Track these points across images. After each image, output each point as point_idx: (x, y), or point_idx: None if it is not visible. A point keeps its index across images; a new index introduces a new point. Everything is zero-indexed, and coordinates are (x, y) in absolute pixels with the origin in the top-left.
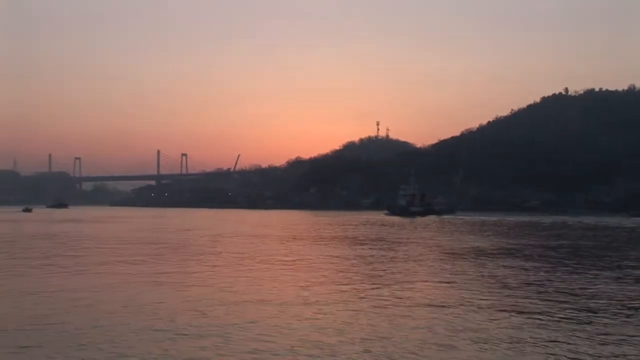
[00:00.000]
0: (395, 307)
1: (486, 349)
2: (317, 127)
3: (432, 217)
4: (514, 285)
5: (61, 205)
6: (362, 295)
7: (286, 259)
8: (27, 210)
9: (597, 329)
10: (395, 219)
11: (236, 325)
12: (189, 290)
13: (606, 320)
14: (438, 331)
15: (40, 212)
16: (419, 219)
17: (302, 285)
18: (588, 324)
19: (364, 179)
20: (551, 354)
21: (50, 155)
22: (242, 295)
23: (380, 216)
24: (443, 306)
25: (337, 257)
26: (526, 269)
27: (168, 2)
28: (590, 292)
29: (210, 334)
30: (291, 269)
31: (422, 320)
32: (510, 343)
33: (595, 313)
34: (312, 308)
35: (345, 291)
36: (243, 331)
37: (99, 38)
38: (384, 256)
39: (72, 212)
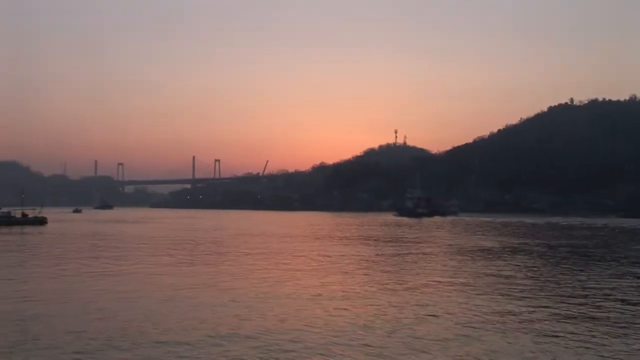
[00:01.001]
0: (416, 300)
1: (509, 339)
2: (339, 135)
3: (437, 218)
4: (522, 280)
5: (106, 206)
6: (387, 289)
7: (313, 256)
8: (77, 211)
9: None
10: (404, 219)
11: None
12: (234, 288)
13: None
14: (460, 321)
15: (89, 213)
16: (425, 220)
17: (327, 280)
18: (592, 317)
19: (383, 182)
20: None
21: (96, 161)
22: (293, 288)
23: (391, 217)
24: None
25: (359, 255)
26: (529, 266)
27: (200, 17)
28: (591, 284)
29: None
30: (317, 265)
31: (443, 312)
32: (529, 334)
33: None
34: (343, 302)
35: (371, 286)
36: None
37: (141, 52)
38: (400, 254)
39: (117, 213)
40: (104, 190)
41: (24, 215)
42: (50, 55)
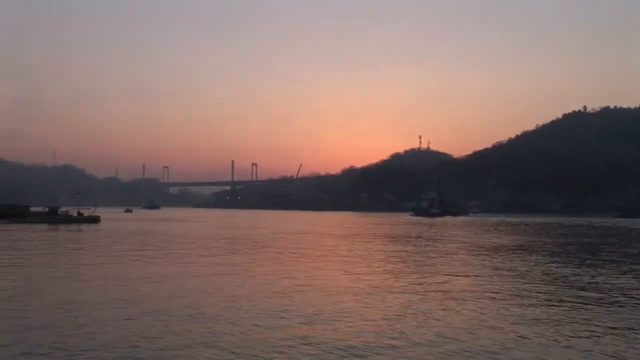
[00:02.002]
0: (443, 294)
1: (529, 331)
2: (367, 140)
3: (449, 218)
4: (540, 275)
5: (154, 206)
6: (415, 284)
7: (343, 253)
8: (128, 210)
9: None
10: (420, 219)
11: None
12: (273, 282)
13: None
14: (487, 314)
15: (138, 212)
16: (439, 219)
17: (357, 275)
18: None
19: (407, 185)
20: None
21: (144, 165)
22: (333, 285)
23: (409, 217)
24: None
25: (386, 251)
26: (536, 263)
27: (238, 31)
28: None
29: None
30: (346, 261)
31: (470, 306)
32: (550, 325)
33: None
34: (374, 296)
35: (398, 281)
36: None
37: (184, 65)
38: (422, 251)
39: (164, 212)
40: (150, 191)
41: (80, 214)
42: (105, 68)
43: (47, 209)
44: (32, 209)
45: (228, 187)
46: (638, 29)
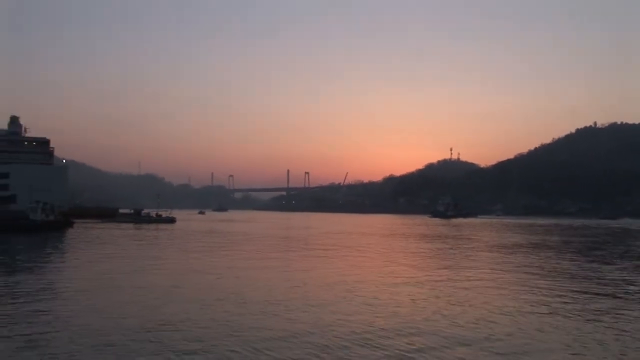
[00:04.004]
0: (469, 285)
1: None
2: (405, 152)
3: (461, 219)
4: (549, 269)
5: (222, 209)
6: (450, 277)
7: (382, 249)
8: (201, 212)
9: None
10: (437, 220)
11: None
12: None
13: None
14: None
15: (210, 214)
16: (453, 220)
17: (391, 268)
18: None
19: (440, 191)
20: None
21: (212, 173)
22: (384, 277)
23: (429, 219)
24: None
25: (420, 248)
26: (544, 258)
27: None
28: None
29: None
30: (387, 256)
31: (491, 295)
32: (569, 316)
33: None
34: (420, 286)
35: (433, 273)
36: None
37: (248, 84)
38: (448, 248)
39: (230, 214)
40: (218, 197)
41: (159, 215)
42: (175, 86)
43: (132, 211)
44: (121, 210)
45: (284, 193)
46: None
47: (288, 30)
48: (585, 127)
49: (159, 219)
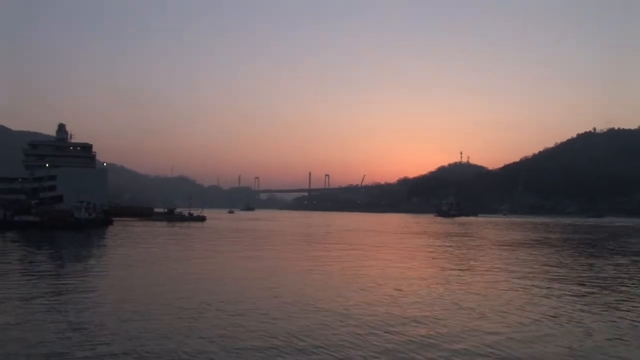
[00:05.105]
0: (480, 278)
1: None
2: (419, 155)
3: (462, 218)
4: (554, 265)
5: (250, 208)
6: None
7: (397, 246)
8: (231, 212)
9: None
10: (441, 219)
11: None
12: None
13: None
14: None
15: (238, 213)
16: (456, 219)
17: (408, 265)
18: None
19: (451, 192)
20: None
21: (239, 176)
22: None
23: (434, 217)
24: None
25: (434, 245)
26: (545, 255)
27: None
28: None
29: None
30: (403, 253)
31: (503, 289)
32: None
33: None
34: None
35: (450, 271)
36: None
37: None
38: (456, 245)
39: (257, 213)
40: (245, 197)
41: (190, 214)
42: (207, 95)
43: (166, 210)
44: (155, 210)
45: (306, 194)
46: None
47: (310, 40)
48: (585, 132)
49: (191, 218)
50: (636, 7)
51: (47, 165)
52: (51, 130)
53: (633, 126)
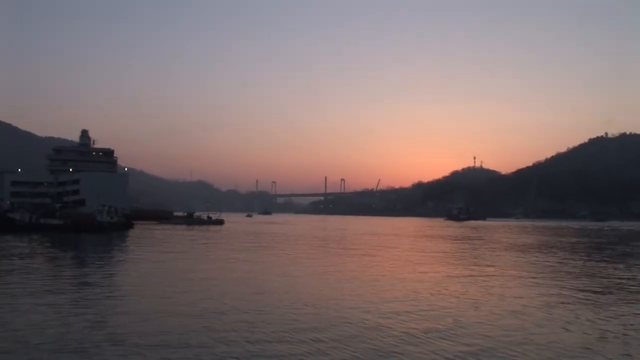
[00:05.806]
0: (490, 280)
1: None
2: (433, 160)
3: (472, 222)
4: (561, 268)
5: (267, 212)
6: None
7: (413, 248)
8: (249, 215)
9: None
10: (451, 222)
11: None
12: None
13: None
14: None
15: (256, 217)
16: (465, 223)
17: (422, 268)
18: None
19: (461, 196)
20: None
21: (257, 180)
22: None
23: (444, 221)
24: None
25: (445, 248)
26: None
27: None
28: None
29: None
30: (418, 256)
31: (514, 289)
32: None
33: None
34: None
35: (464, 274)
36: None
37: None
38: (469, 248)
39: (275, 217)
40: (263, 201)
41: (209, 217)
42: (223, 101)
43: (185, 214)
44: (175, 213)
45: (322, 198)
46: None
47: (326, 46)
48: (597, 137)
49: (209, 221)
50: None
51: (70, 170)
52: (75, 136)
53: None
